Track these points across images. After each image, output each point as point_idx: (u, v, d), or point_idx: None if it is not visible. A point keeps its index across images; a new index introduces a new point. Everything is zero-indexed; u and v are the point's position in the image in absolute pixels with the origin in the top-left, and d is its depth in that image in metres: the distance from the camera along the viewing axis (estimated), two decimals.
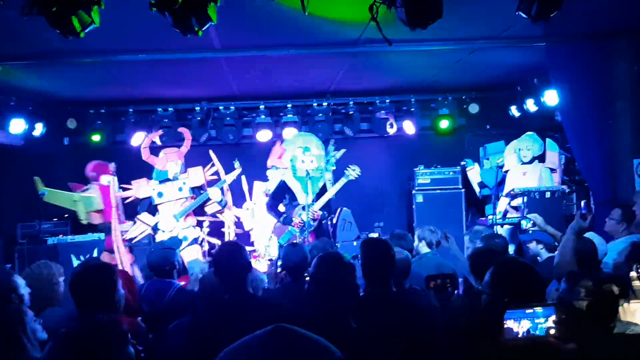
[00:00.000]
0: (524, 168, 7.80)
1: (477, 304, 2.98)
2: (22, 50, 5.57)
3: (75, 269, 3.83)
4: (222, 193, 8.04)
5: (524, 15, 3.57)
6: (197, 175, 8.16)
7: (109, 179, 7.83)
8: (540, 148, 7.92)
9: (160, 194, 8.00)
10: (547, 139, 8.11)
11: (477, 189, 8.55)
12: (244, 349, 1.09)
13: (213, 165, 8.18)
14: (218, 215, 8.21)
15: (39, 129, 8.06)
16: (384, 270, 3.00)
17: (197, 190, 8.17)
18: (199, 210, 8.14)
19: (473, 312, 2.80)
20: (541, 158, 7.84)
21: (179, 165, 8.00)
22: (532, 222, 4.61)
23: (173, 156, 8.00)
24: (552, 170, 7.92)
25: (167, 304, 3.75)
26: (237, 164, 8.10)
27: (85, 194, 7.93)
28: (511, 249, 6.11)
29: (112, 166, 7.90)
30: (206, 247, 8.10)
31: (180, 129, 8.31)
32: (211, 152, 8.24)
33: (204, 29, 3.37)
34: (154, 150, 8.21)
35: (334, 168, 8.41)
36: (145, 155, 8.03)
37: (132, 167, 8.40)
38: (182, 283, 4.45)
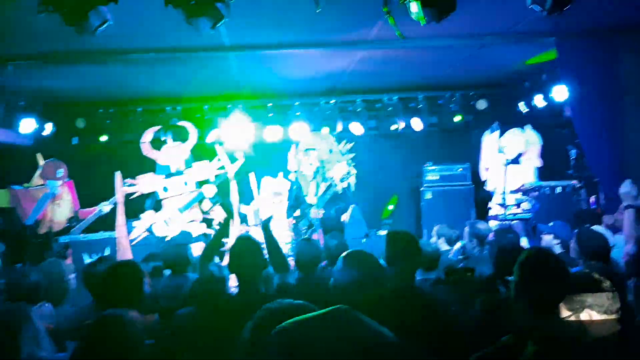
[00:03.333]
0: (514, 167, 7.81)
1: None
2: (32, 49, 5.59)
3: (93, 266, 3.85)
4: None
5: (537, 9, 3.56)
6: (203, 170, 8.23)
7: (56, 185, 7.44)
8: (523, 143, 7.97)
9: (166, 189, 8.06)
10: (530, 131, 8.16)
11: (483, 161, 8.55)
12: (302, 327, 1.11)
13: (219, 159, 8.26)
14: (210, 212, 8.26)
15: (48, 129, 8.11)
16: (409, 263, 3.02)
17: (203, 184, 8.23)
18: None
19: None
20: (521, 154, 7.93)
21: (181, 162, 8.04)
22: None
23: (175, 151, 8.05)
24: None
25: (185, 299, 3.75)
26: (240, 154, 8.16)
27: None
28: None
29: (61, 171, 7.63)
30: None
31: (184, 123, 8.30)
32: (217, 146, 8.30)
33: (218, 25, 3.39)
34: (158, 144, 8.28)
35: (346, 160, 8.40)
36: (146, 150, 8.07)
37: (141, 167, 8.45)
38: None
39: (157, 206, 8.21)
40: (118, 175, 7.77)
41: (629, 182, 4.65)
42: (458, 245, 5.11)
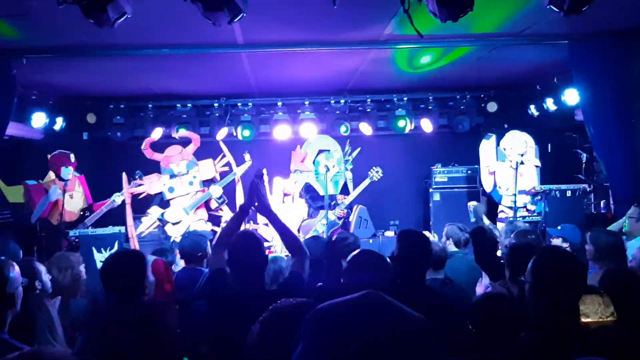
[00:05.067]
0: (520, 169, 7.83)
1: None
2: (47, 43, 5.61)
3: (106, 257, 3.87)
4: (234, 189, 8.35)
5: (555, 9, 3.54)
6: (208, 168, 8.34)
7: (69, 172, 7.57)
8: (523, 143, 8.01)
9: (171, 189, 8.19)
10: (525, 134, 8.19)
11: (484, 166, 8.54)
12: (336, 309, 1.12)
13: (224, 156, 8.33)
14: (219, 210, 8.36)
15: (59, 123, 8.15)
16: (420, 262, 3.02)
17: (208, 183, 8.34)
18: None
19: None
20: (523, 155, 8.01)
21: (181, 166, 8.16)
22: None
23: (176, 158, 8.18)
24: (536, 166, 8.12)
25: (199, 291, 3.76)
26: (247, 157, 8.22)
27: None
28: None
29: (72, 156, 7.79)
30: None
31: (187, 133, 8.41)
32: (221, 143, 8.37)
33: (235, 20, 3.39)
34: (160, 146, 8.36)
35: (352, 167, 8.56)
36: (149, 154, 8.21)
37: (150, 162, 8.49)
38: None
39: (164, 205, 8.30)
40: (124, 176, 7.86)
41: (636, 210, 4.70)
42: None
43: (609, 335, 2.29)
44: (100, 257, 6.34)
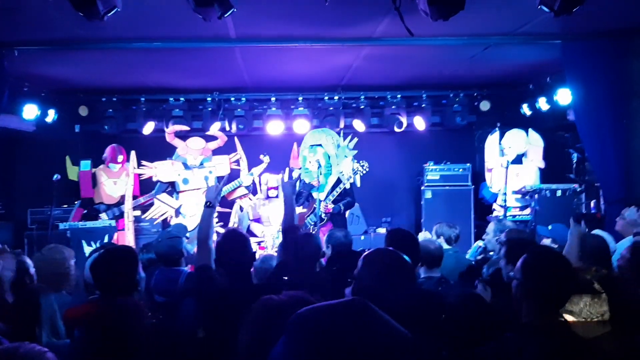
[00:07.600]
0: (516, 168, 7.85)
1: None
2: (39, 36, 5.58)
3: (95, 253, 3.85)
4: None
5: (546, 9, 3.54)
6: (223, 165, 8.41)
7: (117, 167, 8.35)
8: (523, 143, 8.06)
9: (185, 181, 8.27)
10: (533, 133, 8.22)
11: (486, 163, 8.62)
12: (319, 314, 1.12)
13: (237, 153, 8.44)
14: (239, 200, 8.41)
15: (51, 116, 8.09)
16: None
17: (221, 179, 8.42)
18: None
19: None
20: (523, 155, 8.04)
21: (197, 159, 8.23)
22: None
23: (195, 151, 8.24)
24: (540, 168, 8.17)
25: (181, 291, 3.75)
26: (265, 158, 8.29)
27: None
28: None
29: (120, 157, 8.42)
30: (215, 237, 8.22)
31: (217, 133, 8.52)
32: (237, 140, 8.46)
33: (226, 15, 3.38)
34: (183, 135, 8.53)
35: (352, 155, 8.44)
36: (169, 138, 8.29)
37: (143, 156, 8.48)
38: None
39: (170, 194, 8.38)
40: (133, 154, 8.05)
41: (634, 210, 4.71)
42: (477, 244, 5.10)
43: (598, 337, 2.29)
44: (90, 250, 6.34)
